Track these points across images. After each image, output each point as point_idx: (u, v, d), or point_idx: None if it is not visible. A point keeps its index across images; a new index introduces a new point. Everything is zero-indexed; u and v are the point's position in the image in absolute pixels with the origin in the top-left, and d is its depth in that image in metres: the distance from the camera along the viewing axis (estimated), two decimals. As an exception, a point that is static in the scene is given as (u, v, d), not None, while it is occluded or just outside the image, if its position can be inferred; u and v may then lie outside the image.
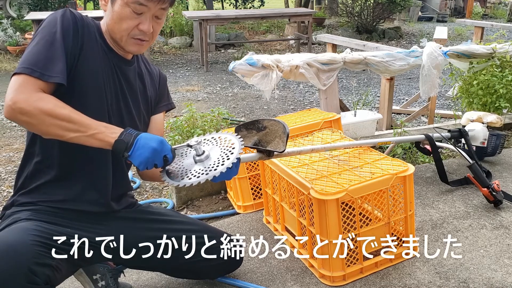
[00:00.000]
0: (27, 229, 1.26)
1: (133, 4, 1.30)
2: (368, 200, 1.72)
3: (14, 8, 8.70)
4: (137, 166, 1.28)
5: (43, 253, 1.21)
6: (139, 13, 1.32)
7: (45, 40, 1.26)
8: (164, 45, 8.17)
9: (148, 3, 1.31)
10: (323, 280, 1.69)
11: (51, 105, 1.20)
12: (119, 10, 1.31)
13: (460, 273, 1.72)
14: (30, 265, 1.16)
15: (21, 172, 1.43)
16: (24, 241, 1.19)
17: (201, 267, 1.58)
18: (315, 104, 4.84)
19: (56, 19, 1.29)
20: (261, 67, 2.56)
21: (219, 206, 2.46)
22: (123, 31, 1.34)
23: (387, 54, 2.88)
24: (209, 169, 1.30)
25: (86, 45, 1.33)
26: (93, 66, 1.34)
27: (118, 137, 1.25)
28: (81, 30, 1.32)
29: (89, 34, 1.34)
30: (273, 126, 1.50)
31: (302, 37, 7.69)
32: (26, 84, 1.20)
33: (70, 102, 1.25)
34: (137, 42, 1.37)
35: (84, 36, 1.32)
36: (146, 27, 1.34)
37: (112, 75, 1.40)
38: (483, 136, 2.57)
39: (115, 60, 1.41)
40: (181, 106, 4.62)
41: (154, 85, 1.57)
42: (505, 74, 3.04)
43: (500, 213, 2.13)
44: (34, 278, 1.15)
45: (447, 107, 4.74)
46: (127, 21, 1.32)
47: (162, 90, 1.61)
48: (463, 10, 12.90)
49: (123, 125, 1.34)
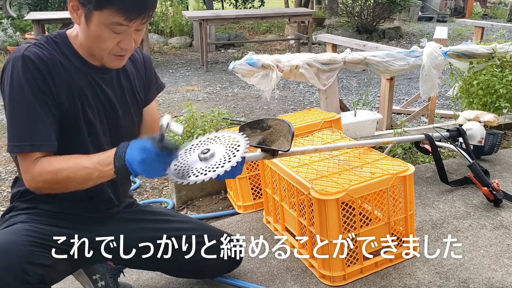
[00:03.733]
0: (21, 229, 1.26)
1: (112, 25, 1.21)
2: (368, 200, 1.72)
3: (14, 8, 8.70)
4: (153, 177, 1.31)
5: (36, 252, 1.21)
6: (118, 32, 1.23)
7: (20, 107, 1.21)
8: (164, 45, 8.17)
9: (128, 23, 1.21)
10: (323, 280, 1.69)
11: (50, 175, 1.22)
12: (97, 30, 1.22)
13: (460, 273, 1.71)
14: (22, 264, 1.16)
15: (16, 184, 1.42)
16: (16, 242, 1.20)
17: (201, 266, 1.58)
18: (315, 104, 4.84)
19: (20, 78, 1.20)
20: (261, 67, 2.56)
21: (219, 206, 2.46)
22: (103, 51, 1.26)
23: (387, 54, 2.88)
24: (214, 167, 1.29)
25: (58, 81, 1.25)
26: (73, 94, 1.29)
27: (115, 167, 1.21)
28: (47, 74, 1.23)
29: (56, 70, 1.25)
30: (277, 125, 1.50)
31: (302, 37, 7.69)
32: (25, 162, 1.23)
33: (67, 134, 1.29)
34: (118, 58, 1.29)
35: (52, 75, 1.24)
36: (128, 44, 1.26)
37: (93, 91, 1.34)
38: (480, 135, 2.58)
39: (93, 73, 1.34)
40: (181, 106, 4.62)
41: (139, 74, 1.49)
42: (505, 74, 3.04)
43: (500, 213, 2.13)
44: (27, 277, 1.16)
45: (447, 107, 4.74)
46: (106, 42, 1.24)
47: (150, 76, 1.52)
48: (463, 10, 12.89)
49: (119, 135, 1.37)
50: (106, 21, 1.20)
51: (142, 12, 1.21)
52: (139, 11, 1.20)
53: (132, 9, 1.19)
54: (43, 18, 6.13)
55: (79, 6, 1.21)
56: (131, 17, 1.20)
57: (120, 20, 1.19)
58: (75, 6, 1.22)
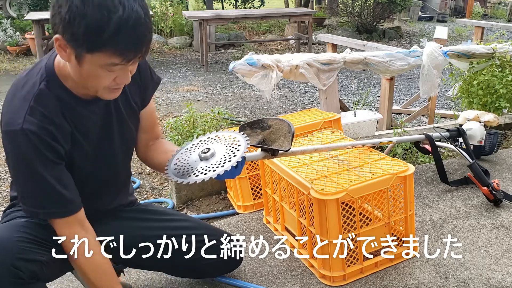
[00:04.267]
0: (17, 225, 1.27)
1: (107, 66, 1.12)
2: (368, 200, 1.72)
3: (14, 8, 8.69)
4: None
5: (30, 248, 1.21)
6: (114, 71, 1.15)
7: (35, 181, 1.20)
8: (164, 45, 8.17)
9: (126, 64, 1.13)
10: (323, 280, 1.69)
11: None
12: (91, 70, 1.13)
13: (460, 273, 1.71)
14: (13, 260, 1.16)
15: (13, 186, 1.42)
16: (10, 237, 1.21)
17: (201, 266, 1.58)
18: (315, 104, 4.84)
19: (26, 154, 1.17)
20: (261, 67, 2.56)
21: (219, 206, 2.46)
22: (98, 87, 1.18)
23: (387, 54, 2.88)
24: (215, 167, 1.29)
25: (61, 135, 1.22)
26: (72, 136, 1.27)
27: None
28: (51, 140, 1.20)
29: (57, 126, 1.21)
30: (278, 125, 1.49)
31: (302, 37, 7.69)
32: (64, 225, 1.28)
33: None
34: (113, 91, 1.22)
35: (56, 136, 1.21)
36: (125, 80, 1.19)
37: (89, 121, 1.30)
38: (480, 135, 2.57)
39: (87, 106, 1.28)
40: (181, 106, 4.62)
41: (135, 80, 1.39)
42: (505, 74, 3.04)
43: (500, 213, 2.13)
44: (18, 272, 1.16)
45: (447, 107, 4.74)
46: (102, 80, 1.15)
47: (145, 76, 1.44)
48: (463, 10, 12.89)
49: (127, 149, 1.43)
50: (101, 62, 1.11)
51: (139, 50, 1.12)
52: (136, 51, 1.11)
53: (129, 50, 1.10)
54: (43, 18, 6.13)
55: (67, 46, 1.10)
56: (128, 58, 1.11)
57: (116, 61, 1.11)
58: (62, 45, 1.11)
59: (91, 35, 1.05)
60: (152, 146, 1.54)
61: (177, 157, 1.38)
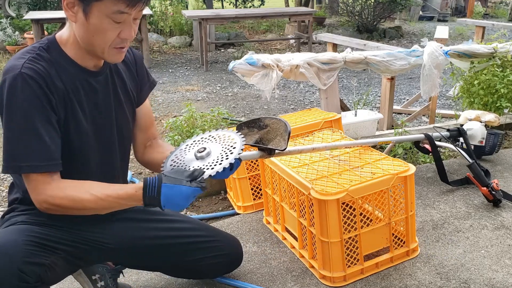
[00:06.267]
0: (20, 229, 1.26)
1: (113, 15, 1.19)
2: (368, 201, 1.71)
3: (13, 7, 8.68)
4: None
5: (34, 251, 1.21)
6: (119, 22, 1.22)
7: (23, 128, 1.19)
8: (164, 44, 8.16)
9: (130, 10, 1.20)
10: (323, 281, 1.68)
11: (65, 201, 1.22)
12: (98, 22, 1.20)
13: (461, 273, 1.71)
14: (20, 264, 1.16)
15: (13, 190, 1.41)
16: (15, 241, 1.20)
17: (201, 266, 1.57)
18: (316, 103, 4.83)
19: (21, 97, 1.18)
20: (261, 66, 2.56)
21: (219, 206, 2.46)
22: (105, 44, 1.24)
23: (387, 54, 2.87)
24: (210, 166, 1.29)
25: (56, 94, 1.24)
26: (68, 104, 1.27)
27: (145, 204, 1.25)
28: (47, 89, 1.21)
29: (54, 83, 1.23)
30: (274, 124, 1.49)
31: (303, 37, 7.68)
32: (32, 183, 1.22)
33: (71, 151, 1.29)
34: (119, 51, 1.28)
35: (51, 90, 1.22)
36: (129, 34, 1.25)
37: (87, 94, 1.32)
38: (481, 135, 2.57)
39: (87, 76, 1.32)
40: (181, 105, 4.61)
41: (132, 73, 1.48)
42: (506, 73, 3.03)
43: (501, 213, 2.12)
44: (24, 276, 1.16)
45: (448, 107, 4.73)
46: (108, 33, 1.22)
47: (141, 74, 1.51)
48: (464, 9, 12.88)
49: (114, 133, 1.40)
50: (108, 10, 1.18)
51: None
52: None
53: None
54: (42, 17, 6.13)
55: (75, 3, 1.19)
56: (132, 3, 1.19)
57: (122, 8, 1.18)
58: (70, 3, 1.20)
59: None
60: (149, 147, 1.56)
61: (173, 156, 1.38)
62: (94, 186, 1.26)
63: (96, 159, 1.38)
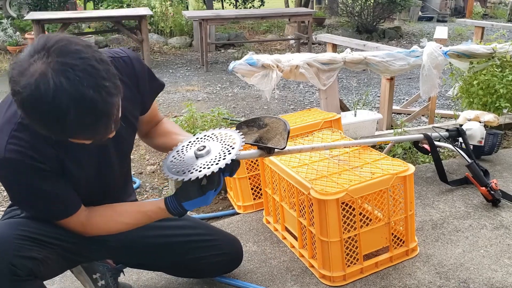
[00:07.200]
0: (15, 223, 1.27)
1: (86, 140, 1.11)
2: (368, 200, 1.72)
3: (14, 8, 8.69)
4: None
5: (26, 245, 1.21)
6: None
7: (30, 195, 1.21)
8: (164, 45, 8.16)
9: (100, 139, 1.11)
10: (323, 280, 1.69)
11: (100, 231, 1.36)
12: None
13: (460, 273, 1.71)
14: (10, 258, 1.17)
15: None
16: (8, 234, 1.21)
17: (201, 265, 1.58)
18: (315, 104, 4.83)
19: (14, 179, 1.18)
20: (261, 67, 2.56)
21: (219, 206, 2.46)
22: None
23: (387, 54, 2.88)
24: (209, 164, 1.30)
25: (48, 160, 1.19)
26: (65, 161, 1.24)
27: (170, 214, 1.37)
28: (37, 162, 1.16)
29: (41, 153, 1.17)
30: (274, 123, 1.50)
31: (302, 37, 7.68)
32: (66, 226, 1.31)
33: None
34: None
35: (41, 160, 1.17)
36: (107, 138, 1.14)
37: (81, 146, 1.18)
38: (480, 135, 2.57)
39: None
40: (181, 106, 4.61)
41: (132, 94, 1.36)
42: (505, 74, 3.04)
43: (501, 213, 2.13)
44: (15, 270, 1.17)
45: (447, 107, 4.73)
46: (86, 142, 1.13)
47: (143, 84, 1.39)
48: (463, 10, 12.88)
49: (123, 158, 1.44)
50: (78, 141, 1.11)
51: (109, 129, 1.08)
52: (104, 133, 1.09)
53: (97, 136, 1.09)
54: (43, 18, 6.13)
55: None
56: (100, 138, 1.10)
57: (91, 140, 1.11)
58: None
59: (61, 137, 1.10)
60: (153, 131, 1.56)
61: (174, 153, 1.39)
62: (123, 215, 1.38)
63: (98, 189, 1.40)
